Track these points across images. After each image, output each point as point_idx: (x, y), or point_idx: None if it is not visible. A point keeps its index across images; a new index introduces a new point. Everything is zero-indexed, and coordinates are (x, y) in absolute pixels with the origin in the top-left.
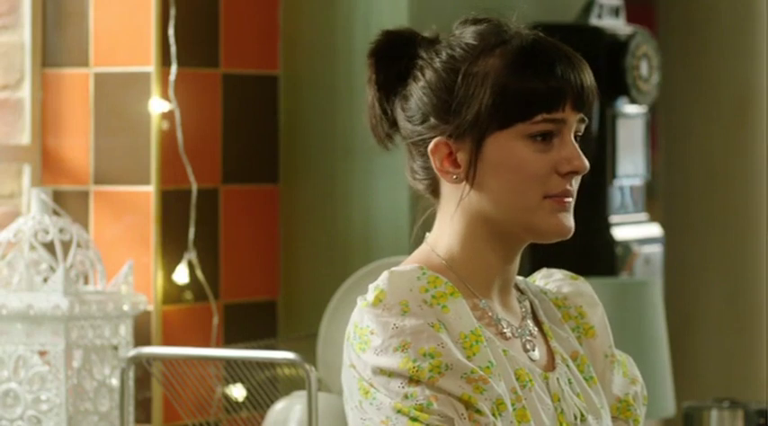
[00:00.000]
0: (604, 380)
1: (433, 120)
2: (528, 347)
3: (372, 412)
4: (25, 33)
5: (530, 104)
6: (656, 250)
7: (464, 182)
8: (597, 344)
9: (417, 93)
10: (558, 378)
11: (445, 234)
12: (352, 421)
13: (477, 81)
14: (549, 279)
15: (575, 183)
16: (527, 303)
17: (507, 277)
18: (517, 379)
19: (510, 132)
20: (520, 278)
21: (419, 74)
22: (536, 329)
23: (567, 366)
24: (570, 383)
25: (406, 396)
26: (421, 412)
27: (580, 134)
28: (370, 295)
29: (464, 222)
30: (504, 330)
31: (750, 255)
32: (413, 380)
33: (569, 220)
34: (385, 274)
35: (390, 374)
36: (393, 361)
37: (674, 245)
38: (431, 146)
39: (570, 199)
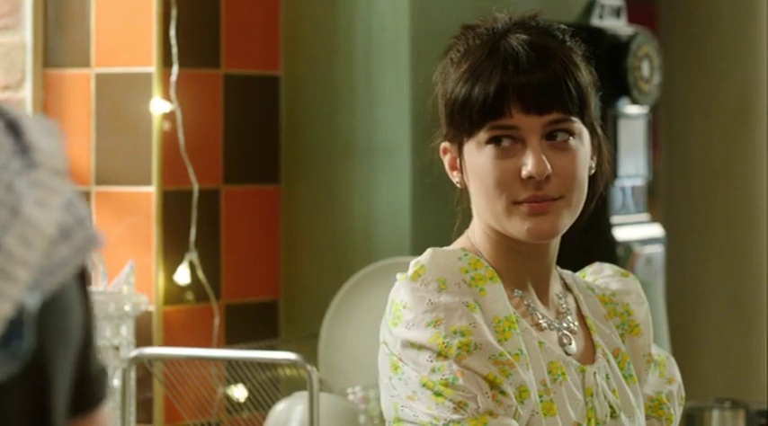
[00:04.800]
0: (641, 379)
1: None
2: (564, 341)
3: (400, 387)
4: (26, 34)
5: (474, 114)
6: (657, 250)
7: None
8: (640, 343)
9: None
10: (594, 372)
11: (476, 229)
12: (383, 401)
13: (440, 91)
14: (599, 275)
15: (551, 186)
16: (571, 298)
17: (539, 272)
18: (549, 372)
19: (475, 139)
20: (568, 272)
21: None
22: (576, 323)
23: (608, 361)
24: (608, 378)
25: (433, 370)
26: (446, 387)
27: (564, 133)
28: (410, 269)
29: (481, 221)
30: (540, 320)
31: (751, 256)
32: (441, 355)
33: (543, 223)
34: (428, 251)
35: (420, 347)
36: (423, 335)
37: (675, 246)
38: (440, 149)
39: (546, 203)
